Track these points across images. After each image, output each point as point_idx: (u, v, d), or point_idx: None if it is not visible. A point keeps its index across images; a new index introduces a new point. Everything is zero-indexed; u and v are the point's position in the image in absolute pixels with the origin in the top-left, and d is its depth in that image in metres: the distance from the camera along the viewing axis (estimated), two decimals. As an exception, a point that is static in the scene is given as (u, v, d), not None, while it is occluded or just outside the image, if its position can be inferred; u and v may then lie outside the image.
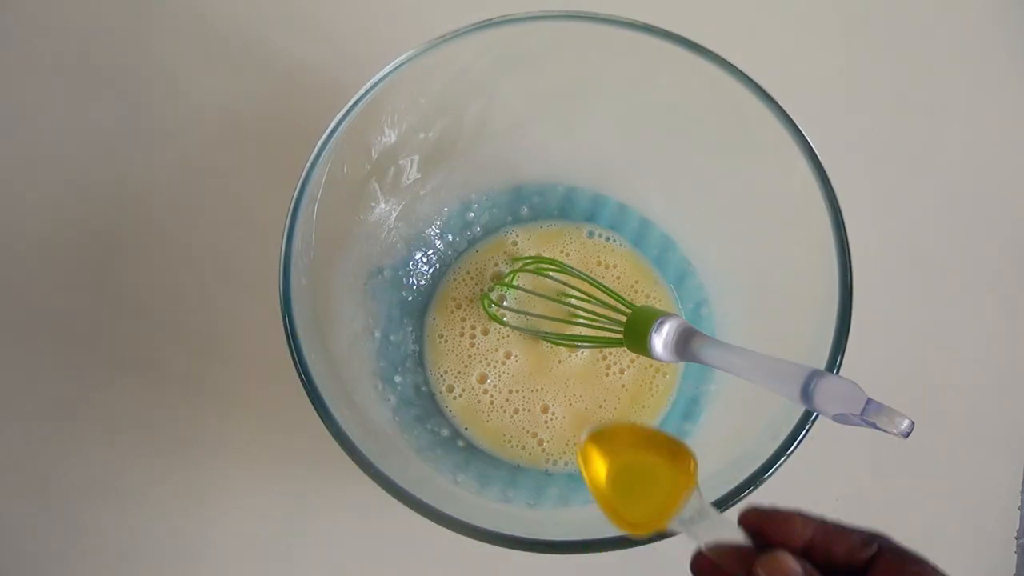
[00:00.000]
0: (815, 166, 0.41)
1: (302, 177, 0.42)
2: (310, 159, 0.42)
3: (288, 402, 0.50)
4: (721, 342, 0.39)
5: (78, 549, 0.52)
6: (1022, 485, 0.55)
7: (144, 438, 0.54)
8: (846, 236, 0.40)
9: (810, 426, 0.38)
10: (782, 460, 0.38)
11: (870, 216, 0.57)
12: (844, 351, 0.40)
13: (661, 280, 0.55)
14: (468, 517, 0.38)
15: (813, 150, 0.41)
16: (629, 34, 0.43)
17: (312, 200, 0.42)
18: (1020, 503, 0.55)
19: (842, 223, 0.40)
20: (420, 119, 0.48)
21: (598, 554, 0.37)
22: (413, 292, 0.54)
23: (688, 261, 0.54)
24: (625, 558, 0.38)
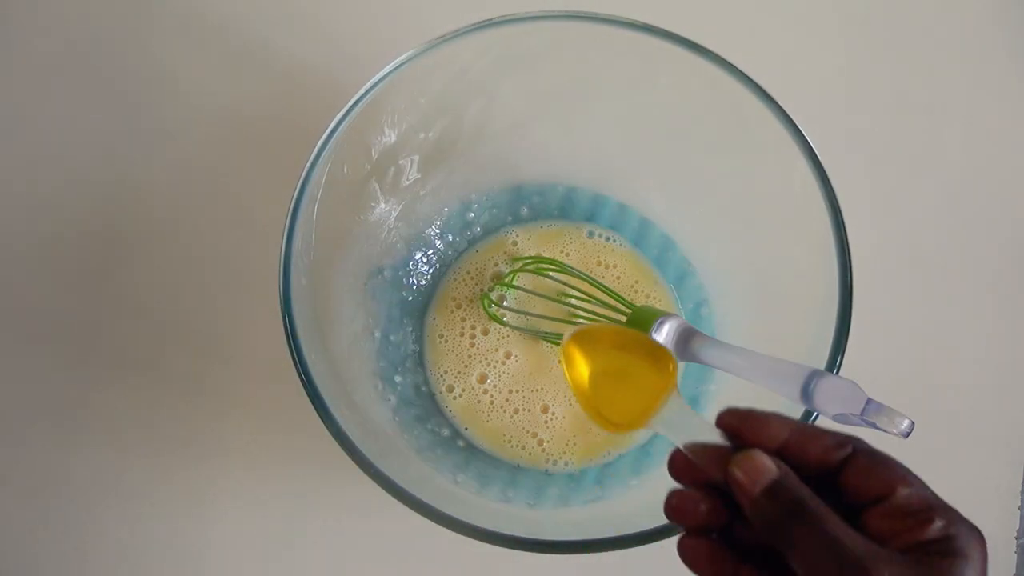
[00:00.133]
0: (815, 166, 0.41)
1: (302, 177, 0.42)
2: (310, 159, 0.42)
3: (288, 402, 0.50)
4: (721, 342, 0.39)
5: (79, 549, 0.52)
6: (1022, 485, 0.55)
7: (144, 438, 0.54)
8: (846, 236, 0.40)
9: (810, 426, 0.38)
10: (782, 460, 0.38)
11: (870, 216, 0.57)
12: (844, 351, 0.40)
13: (661, 280, 0.55)
14: (468, 517, 0.38)
15: (813, 150, 0.41)
16: (629, 34, 0.43)
17: (312, 200, 0.42)
18: (1020, 503, 0.55)
19: (842, 223, 0.41)
20: (420, 119, 0.48)
21: (598, 554, 0.37)
22: (413, 292, 0.54)
23: (688, 261, 0.54)
24: (625, 558, 0.38)
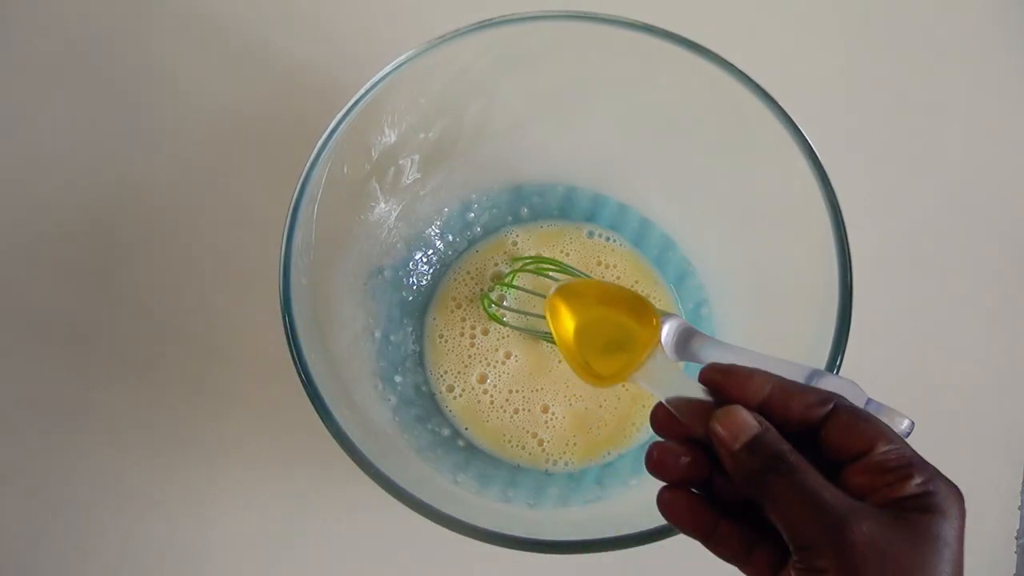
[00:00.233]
0: (815, 166, 0.41)
1: (302, 177, 0.42)
2: (310, 159, 0.42)
3: (288, 402, 0.50)
4: (721, 342, 0.39)
5: (79, 549, 0.52)
6: (1022, 485, 0.55)
7: (144, 438, 0.54)
8: (846, 236, 0.40)
9: (810, 426, 0.38)
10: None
11: (870, 216, 0.57)
12: (844, 351, 0.40)
13: (661, 280, 0.55)
14: (468, 517, 0.38)
15: (813, 150, 0.41)
16: (629, 34, 0.43)
17: (312, 200, 0.42)
18: (1020, 503, 0.55)
19: (842, 223, 0.41)
20: (420, 119, 0.48)
21: (598, 554, 0.37)
22: (413, 292, 0.54)
23: (688, 261, 0.54)
24: (625, 558, 0.38)
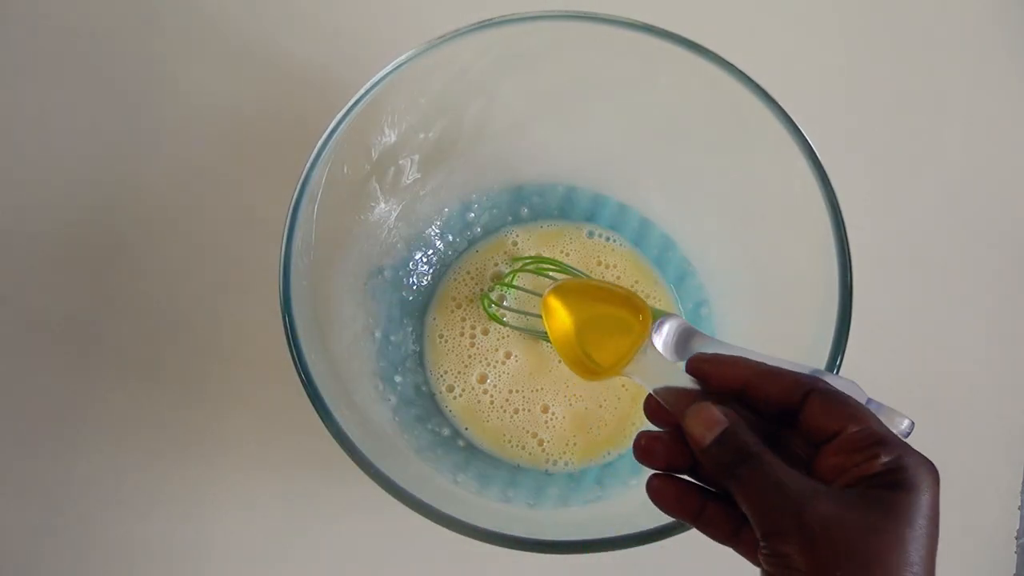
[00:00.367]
0: (815, 166, 0.41)
1: (302, 177, 0.42)
2: (310, 159, 0.42)
3: (288, 402, 0.50)
4: (721, 342, 0.39)
5: (78, 549, 0.52)
6: (1022, 485, 0.55)
7: (144, 438, 0.54)
8: (846, 236, 0.40)
9: (810, 426, 0.38)
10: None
11: (870, 216, 0.57)
12: (844, 351, 0.40)
13: (661, 280, 0.55)
14: (468, 517, 0.38)
15: (813, 150, 0.41)
16: (629, 34, 0.43)
17: (312, 200, 0.42)
18: (1020, 503, 0.55)
19: (842, 223, 0.41)
20: (420, 119, 0.48)
21: (598, 554, 0.37)
22: (413, 292, 0.54)
23: (688, 261, 0.54)
24: (625, 558, 0.38)
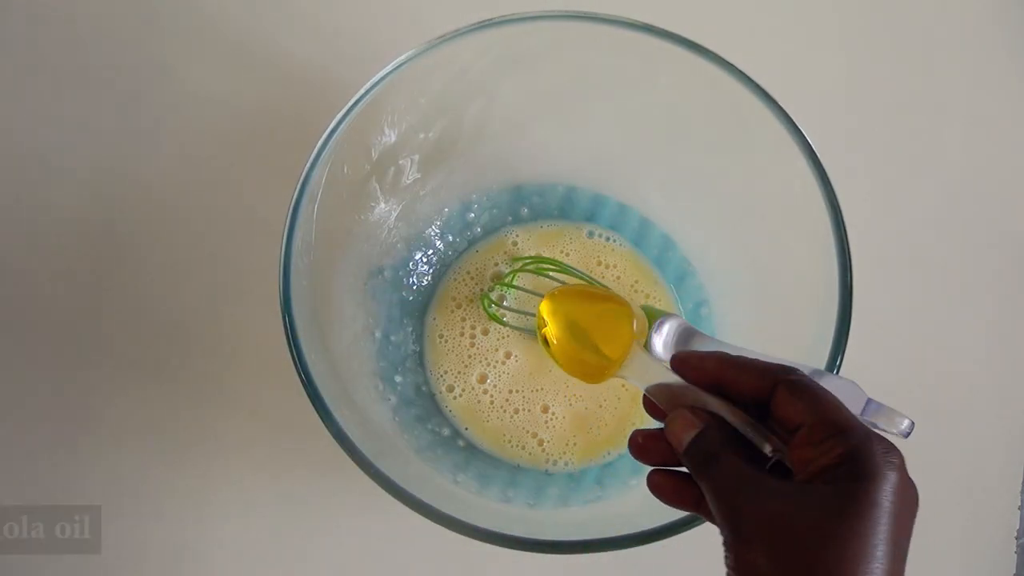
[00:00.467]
0: (815, 166, 0.41)
1: (302, 177, 0.42)
2: (310, 159, 0.42)
3: (288, 402, 0.50)
4: (721, 342, 0.39)
5: (79, 551, 0.52)
6: (1022, 485, 0.55)
7: (143, 438, 0.54)
8: (846, 236, 0.40)
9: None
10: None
11: (870, 216, 0.57)
12: (844, 351, 0.40)
13: (661, 280, 0.55)
14: (468, 517, 0.38)
15: (813, 150, 0.41)
16: (629, 34, 0.43)
17: (312, 200, 0.42)
18: (1020, 503, 0.55)
19: (842, 223, 0.41)
20: (420, 119, 0.48)
21: (598, 554, 0.37)
22: (413, 292, 0.54)
23: (688, 261, 0.54)
24: (625, 558, 0.38)
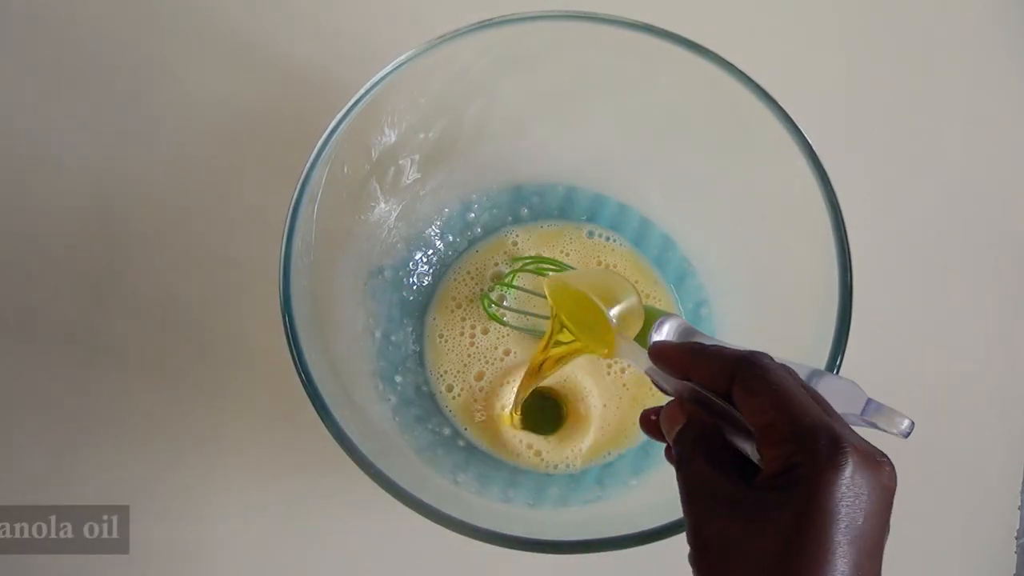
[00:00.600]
0: (815, 166, 0.41)
1: (302, 177, 0.42)
2: (310, 159, 0.42)
3: (288, 402, 0.50)
4: (722, 342, 0.39)
5: (79, 552, 0.52)
6: (1022, 485, 0.55)
7: (143, 439, 0.54)
8: (846, 236, 0.40)
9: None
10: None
11: (870, 216, 0.57)
12: (844, 351, 0.40)
13: (661, 280, 0.55)
14: (468, 517, 0.38)
15: (813, 150, 0.41)
16: (629, 34, 0.43)
17: (312, 200, 0.42)
18: (1020, 503, 0.55)
19: (842, 223, 0.41)
20: (420, 119, 0.48)
21: (598, 554, 0.37)
22: (413, 292, 0.54)
23: (688, 261, 0.54)
24: (625, 558, 0.38)
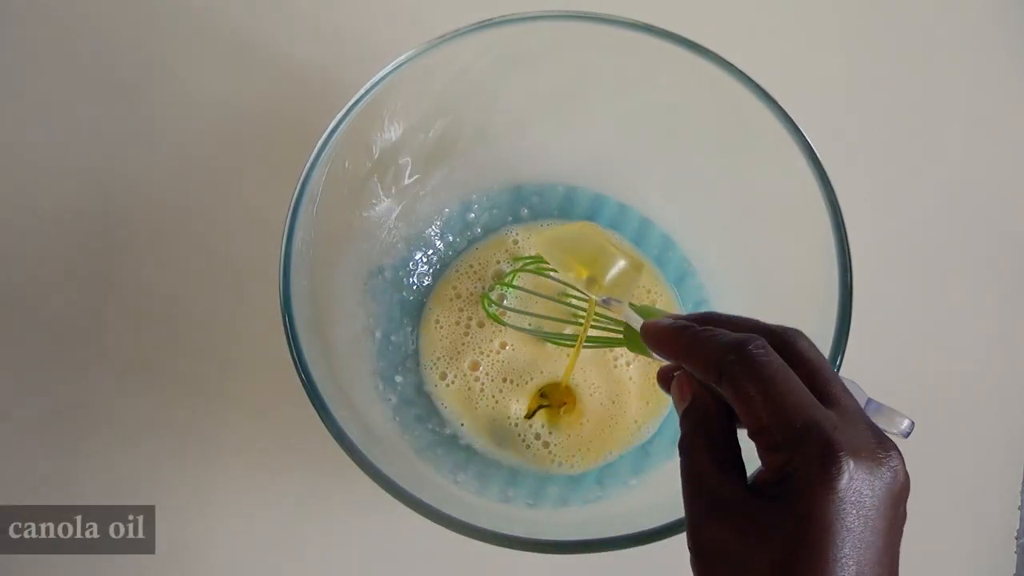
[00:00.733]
0: (815, 166, 0.41)
1: (302, 177, 0.42)
2: (310, 159, 0.42)
3: (288, 402, 0.50)
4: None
5: (78, 552, 0.52)
6: (1022, 485, 0.55)
7: (142, 439, 0.54)
8: (846, 236, 0.40)
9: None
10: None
11: (870, 216, 0.57)
12: (844, 351, 0.40)
13: (661, 280, 0.55)
14: (468, 517, 0.38)
15: (813, 150, 0.41)
16: (629, 34, 0.43)
17: (312, 200, 0.42)
18: (1020, 503, 0.55)
19: (842, 223, 0.41)
20: (420, 119, 0.48)
21: (598, 554, 0.37)
22: (413, 292, 0.54)
23: (688, 261, 0.54)
24: (625, 558, 0.38)
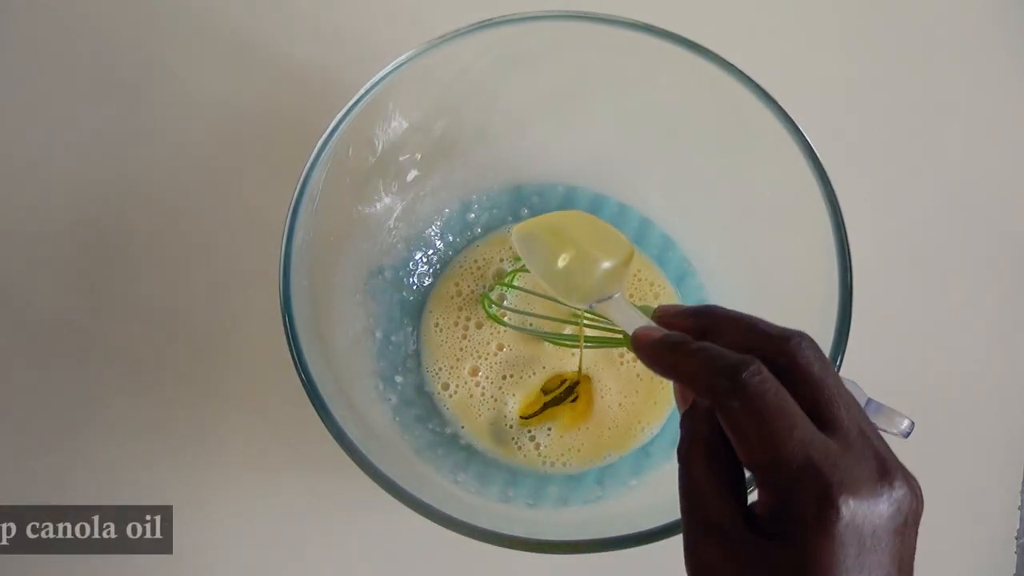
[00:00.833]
0: (815, 166, 0.41)
1: (302, 177, 0.42)
2: (310, 159, 0.42)
3: (288, 402, 0.50)
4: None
5: (79, 552, 0.52)
6: (1022, 485, 0.55)
7: (142, 439, 0.54)
8: (846, 236, 0.40)
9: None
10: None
11: (870, 216, 0.57)
12: (844, 351, 0.40)
13: (661, 280, 0.55)
14: (468, 517, 0.38)
15: (813, 150, 0.41)
16: (629, 34, 0.43)
17: (312, 200, 0.42)
18: (1020, 503, 0.55)
19: (842, 223, 0.41)
20: (420, 119, 0.48)
21: (598, 554, 0.37)
22: (413, 292, 0.54)
23: (688, 261, 0.54)
24: (625, 558, 0.38)
